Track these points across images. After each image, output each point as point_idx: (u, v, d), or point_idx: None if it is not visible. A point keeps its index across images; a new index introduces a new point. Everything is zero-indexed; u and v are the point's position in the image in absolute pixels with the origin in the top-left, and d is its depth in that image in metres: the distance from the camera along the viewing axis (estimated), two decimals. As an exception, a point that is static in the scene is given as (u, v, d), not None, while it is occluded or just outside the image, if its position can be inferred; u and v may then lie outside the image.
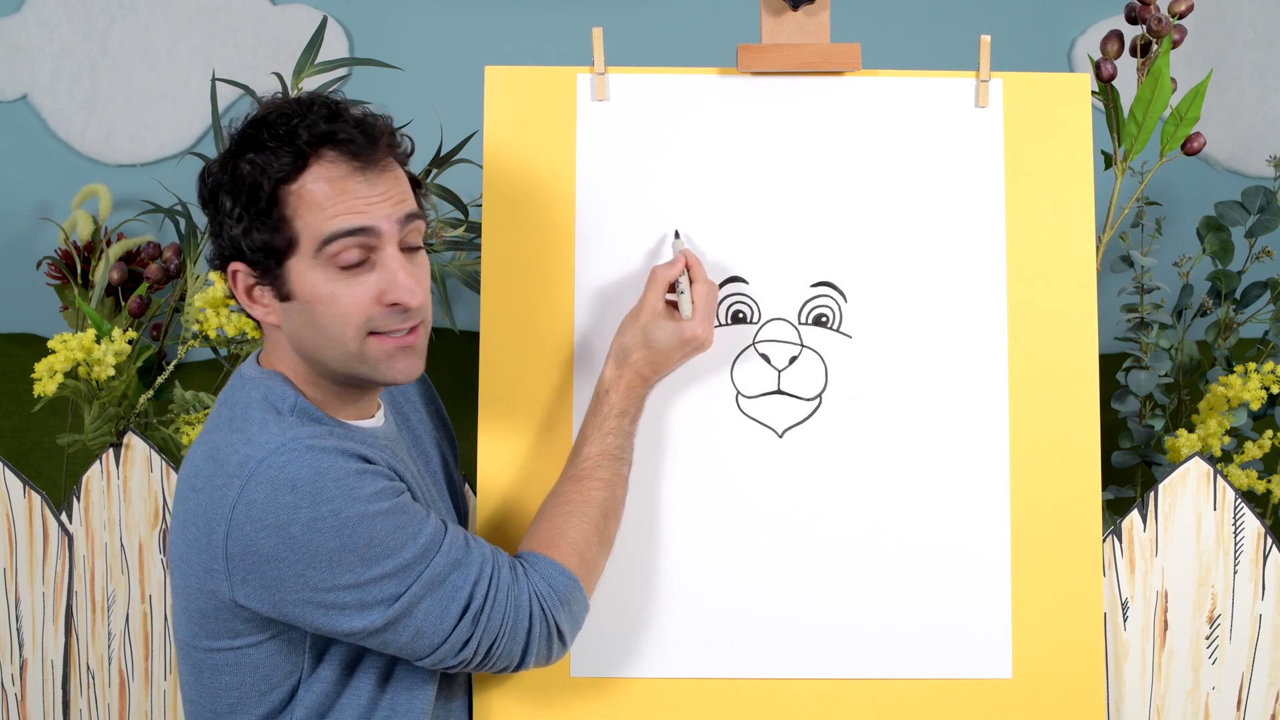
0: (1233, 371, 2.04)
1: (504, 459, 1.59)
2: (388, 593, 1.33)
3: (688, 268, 1.56)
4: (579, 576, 1.44)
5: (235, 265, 1.40)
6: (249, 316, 1.46)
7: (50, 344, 1.94)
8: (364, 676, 1.42)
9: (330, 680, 1.41)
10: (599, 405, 1.54)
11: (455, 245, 2.06)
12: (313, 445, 1.32)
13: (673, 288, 1.56)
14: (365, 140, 1.37)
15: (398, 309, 1.38)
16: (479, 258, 1.73)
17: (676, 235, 1.59)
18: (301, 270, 1.37)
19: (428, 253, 1.51)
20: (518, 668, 1.41)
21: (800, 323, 1.61)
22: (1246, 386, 2.00)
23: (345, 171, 1.36)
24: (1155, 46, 1.86)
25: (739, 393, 1.60)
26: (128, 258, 2.22)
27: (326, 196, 1.35)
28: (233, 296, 1.46)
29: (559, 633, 1.41)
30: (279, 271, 1.37)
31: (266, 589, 1.33)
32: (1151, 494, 1.78)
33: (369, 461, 1.36)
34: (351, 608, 1.33)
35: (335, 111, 1.37)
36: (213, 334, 1.99)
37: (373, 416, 1.48)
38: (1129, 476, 2.18)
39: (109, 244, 2.23)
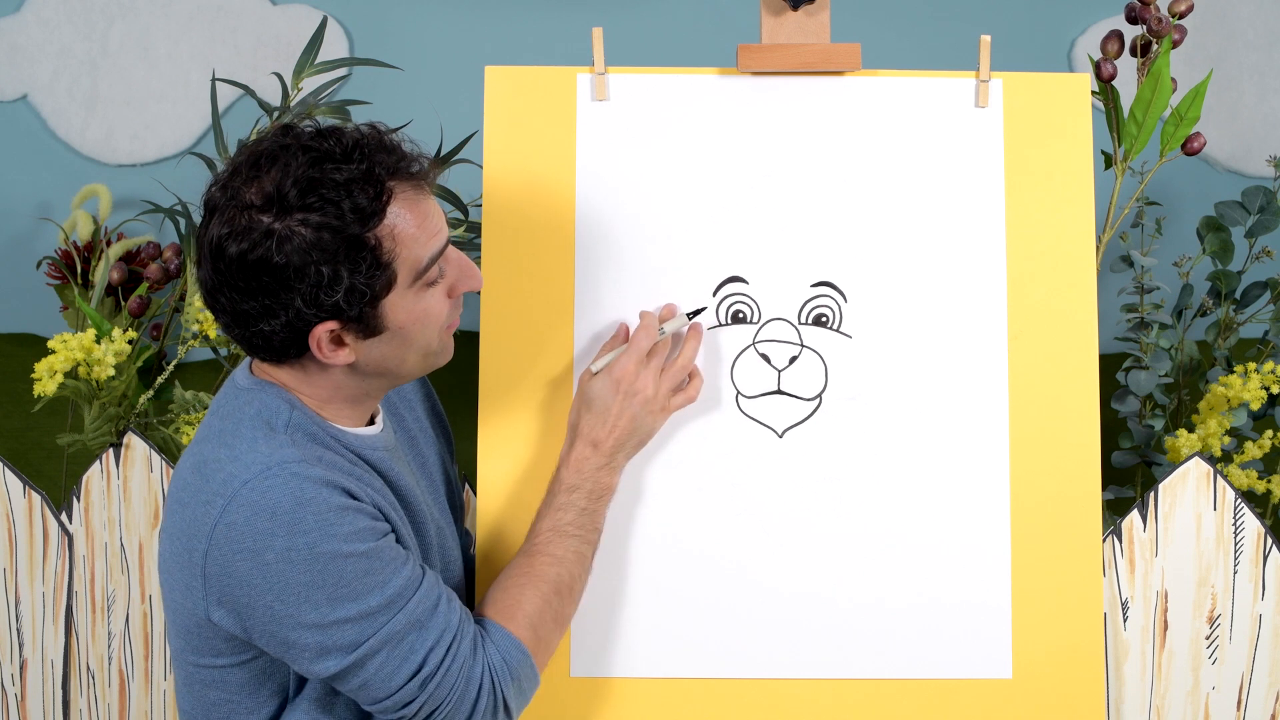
0: (1233, 371, 2.04)
1: (504, 459, 1.59)
2: (347, 639, 1.32)
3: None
4: (531, 651, 1.42)
5: (324, 327, 1.33)
6: (273, 360, 1.39)
7: (50, 344, 1.94)
8: (344, 707, 1.41)
9: (315, 699, 1.41)
10: (551, 482, 1.53)
11: (455, 245, 2.06)
12: (298, 473, 1.31)
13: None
14: (417, 160, 1.36)
15: (459, 298, 1.42)
16: (479, 258, 1.73)
17: (690, 315, 1.58)
18: (397, 301, 1.35)
19: None
20: None
21: (800, 323, 1.61)
22: (1246, 386, 2.00)
23: (415, 196, 1.35)
24: (1155, 46, 1.86)
25: (739, 393, 1.60)
26: (128, 258, 2.22)
27: (415, 225, 1.34)
28: (279, 348, 1.37)
29: (505, 706, 1.39)
30: (374, 312, 1.34)
31: (237, 614, 1.32)
32: (1151, 494, 1.78)
33: (354, 498, 1.34)
34: (311, 650, 1.32)
35: (357, 139, 1.33)
36: (213, 334, 1.99)
37: (373, 423, 1.47)
38: (1129, 476, 2.18)
39: (109, 244, 2.23)
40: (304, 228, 1.29)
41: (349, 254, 1.30)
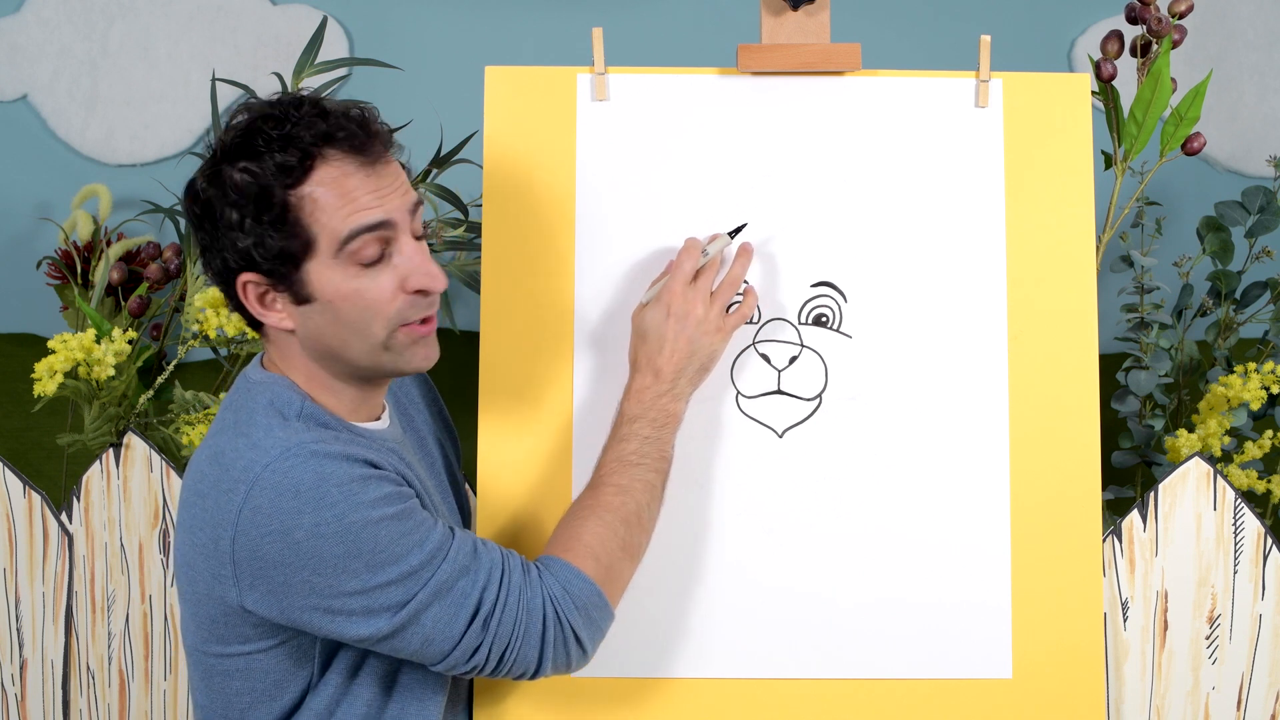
0: (1233, 371, 2.04)
1: (504, 459, 1.59)
2: (394, 599, 1.32)
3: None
4: (597, 581, 1.40)
5: (245, 276, 1.37)
6: (252, 325, 1.43)
7: (50, 344, 1.94)
8: (370, 684, 1.41)
9: (337, 685, 1.40)
10: (615, 417, 1.53)
11: (455, 245, 2.06)
12: (316, 450, 1.32)
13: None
14: (365, 134, 1.36)
15: (420, 296, 1.39)
16: (479, 258, 1.74)
17: (732, 234, 1.57)
18: (321, 271, 1.35)
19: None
20: (535, 674, 1.38)
21: (800, 323, 1.61)
22: (1246, 386, 2.00)
23: (352, 168, 1.35)
24: (1155, 46, 1.86)
25: (739, 393, 1.60)
26: (128, 258, 2.22)
27: (340, 195, 1.34)
28: (238, 307, 1.42)
29: (576, 638, 1.38)
30: (295, 276, 1.35)
31: (274, 595, 1.32)
32: (1151, 494, 1.78)
33: (375, 466, 1.35)
34: (358, 614, 1.32)
35: (326, 109, 1.36)
36: (213, 334, 1.99)
37: (379, 419, 1.48)
38: (1129, 476, 2.18)
39: (109, 244, 2.23)
40: (235, 173, 1.34)
41: (257, 205, 1.33)
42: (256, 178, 1.33)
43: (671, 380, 1.51)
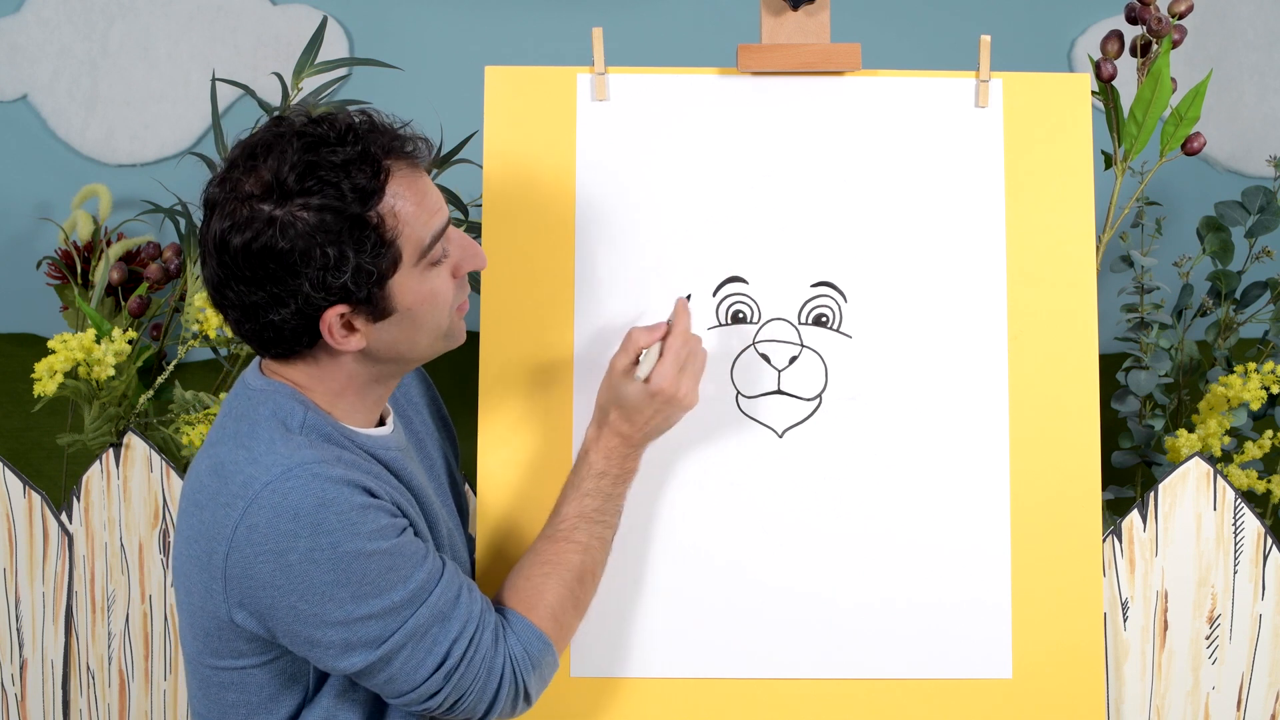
0: (1233, 371, 2.04)
1: (504, 459, 1.59)
2: (372, 635, 1.32)
3: (670, 326, 1.51)
4: (552, 639, 1.44)
5: (335, 310, 1.33)
6: (286, 355, 1.39)
7: (50, 344, 1.94)
8: (364, 702, 1.42)
9: (333, 700, 1.41)
10: (578, 465, 1.52)
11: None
12: (319, 473, 1.31)
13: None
14: (411, 139, 1.37)
15: (464, 278, 1.42)
16: (479, 258, 1.74)
17: (687, 298, 1.58)
18: (402, 282, 1.35)
19: None
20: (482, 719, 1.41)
21: (800, 323, 1.61)
22: (1246, 386, 2.00)
23: (412, 175, 1.36)
24: (1155, 46, 1.86)
25: (739, 393, 1.60)
26: (128, 258, 2.22)
27: (415, 204, 1.34)
28: (290, 343, 1.37)
29: (525, 694, 1.41)
30: (381, 294, 1.34)
31: (260, 615, 1.33)
32: (1151, 494, 1.78)
33: (373, 495, 1.34)
34: (336, 647, 1.33)
35: (374, 121, 1.35)
36: (213, 334, 1.99)
37: (384, 424, 1.47)
38: (1129, 476, 2.18)
39: (109, 244, 2.23)
40: (305, 211, 1.29)
41: (353, 234, 1.30)
42: (340, 209, 1.30)
43: (638, 445, 1.53)
